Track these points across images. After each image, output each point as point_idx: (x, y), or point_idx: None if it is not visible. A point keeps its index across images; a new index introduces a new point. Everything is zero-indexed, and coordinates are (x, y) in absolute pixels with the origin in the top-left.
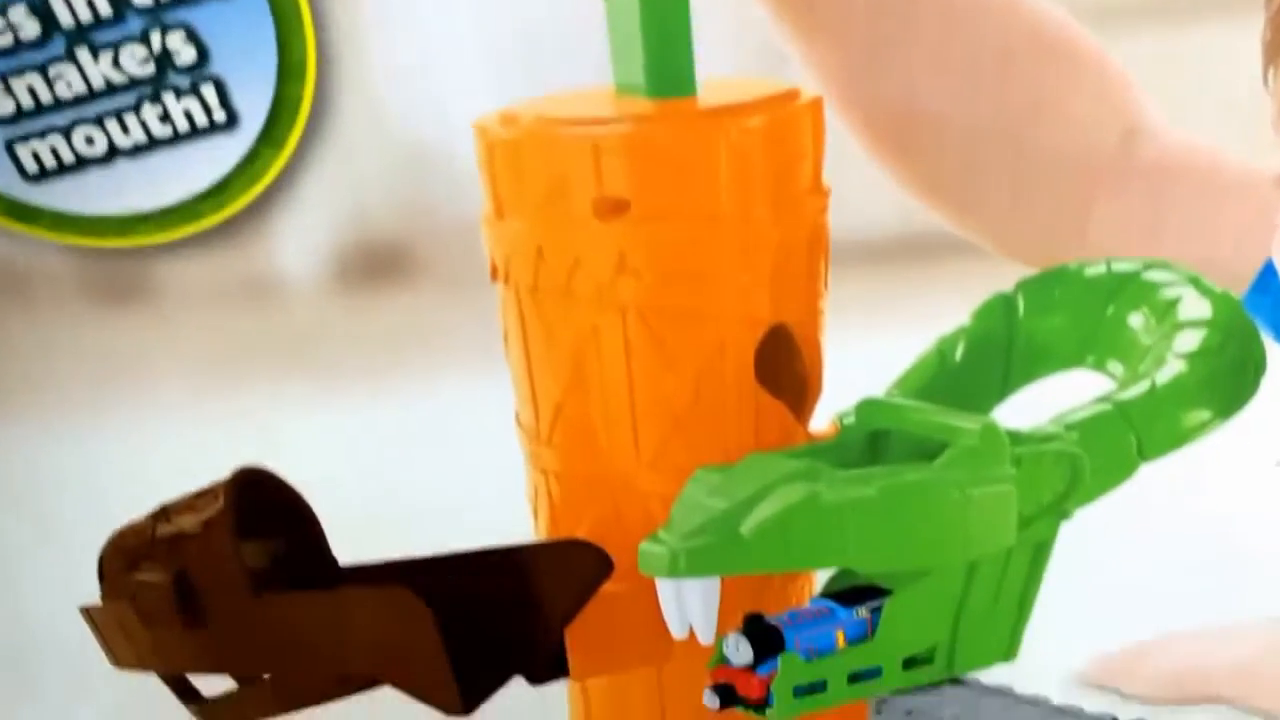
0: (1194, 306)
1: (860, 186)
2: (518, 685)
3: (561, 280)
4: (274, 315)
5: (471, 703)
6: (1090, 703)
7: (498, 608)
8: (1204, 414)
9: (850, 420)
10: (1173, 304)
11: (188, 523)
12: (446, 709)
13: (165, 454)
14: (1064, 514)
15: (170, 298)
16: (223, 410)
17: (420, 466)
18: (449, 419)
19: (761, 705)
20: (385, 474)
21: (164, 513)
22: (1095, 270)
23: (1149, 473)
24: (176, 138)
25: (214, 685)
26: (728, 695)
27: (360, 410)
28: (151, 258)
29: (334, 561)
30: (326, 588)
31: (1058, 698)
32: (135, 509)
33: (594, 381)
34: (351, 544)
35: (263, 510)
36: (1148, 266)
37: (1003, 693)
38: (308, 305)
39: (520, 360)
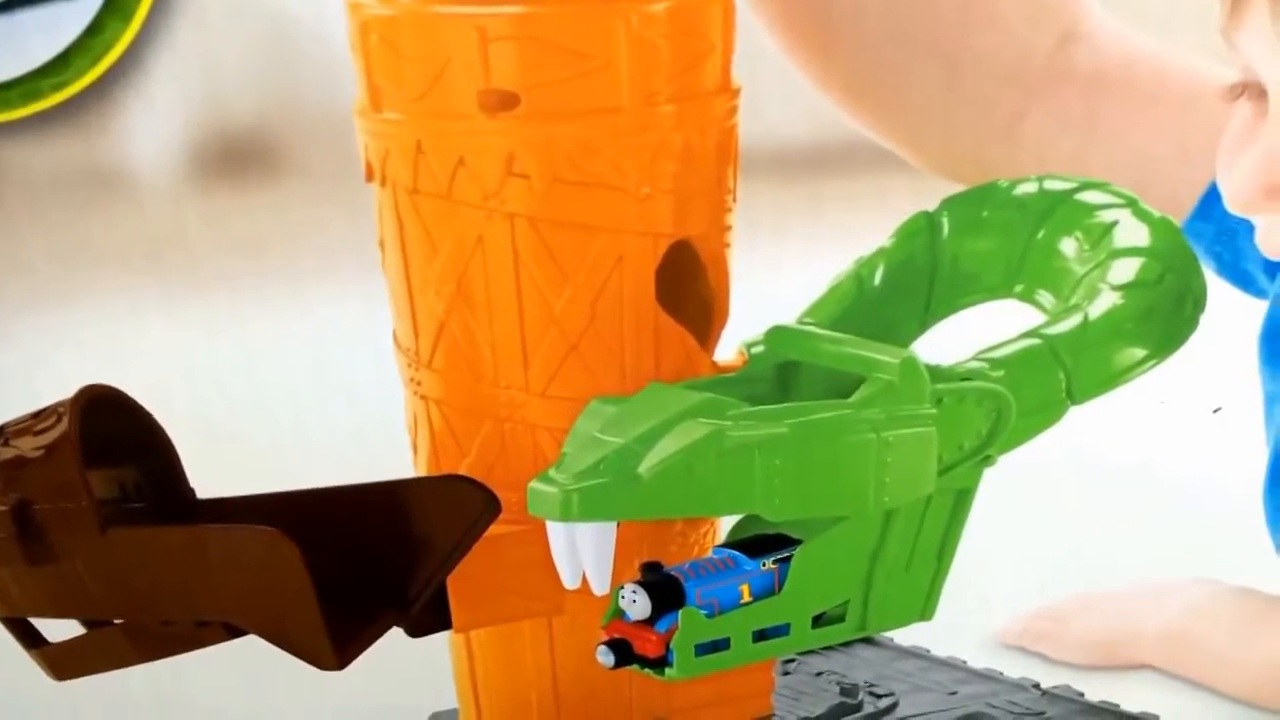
0: (1131, 232)
1: (774, 89)
2: (395, 638)
3: (443, 182)
4: (122, 212)
5: (345, 656)
6: (1012, 666)
7: (373, 550)
8: (1139, 351)
9: (759, 350)
10: (1108, 229)
11: (27, 446)
12: (317, 662)
13: (10, 364)
14: (987, 460)
15: (6, 188)
16: (66, 318)
17: (287, 389)
18: (319, 336)
19: (660, 664)
20: (248, 397)
21: (1, 434)
22: (1026, 189)
23: (1074, 420)
24: (9, 3)
25: (61, 630)
26: (623, 652)
27: (220, 323)
28: None
29: (191, 494)
30: (183, 523)
31: (977, 661)
32: None
33: (479, 298)
34: (211, 474)
35: (111, 434)
36: (1083, 187)
37: (918, 655)
38: (160, 202)
39: (398, 272)
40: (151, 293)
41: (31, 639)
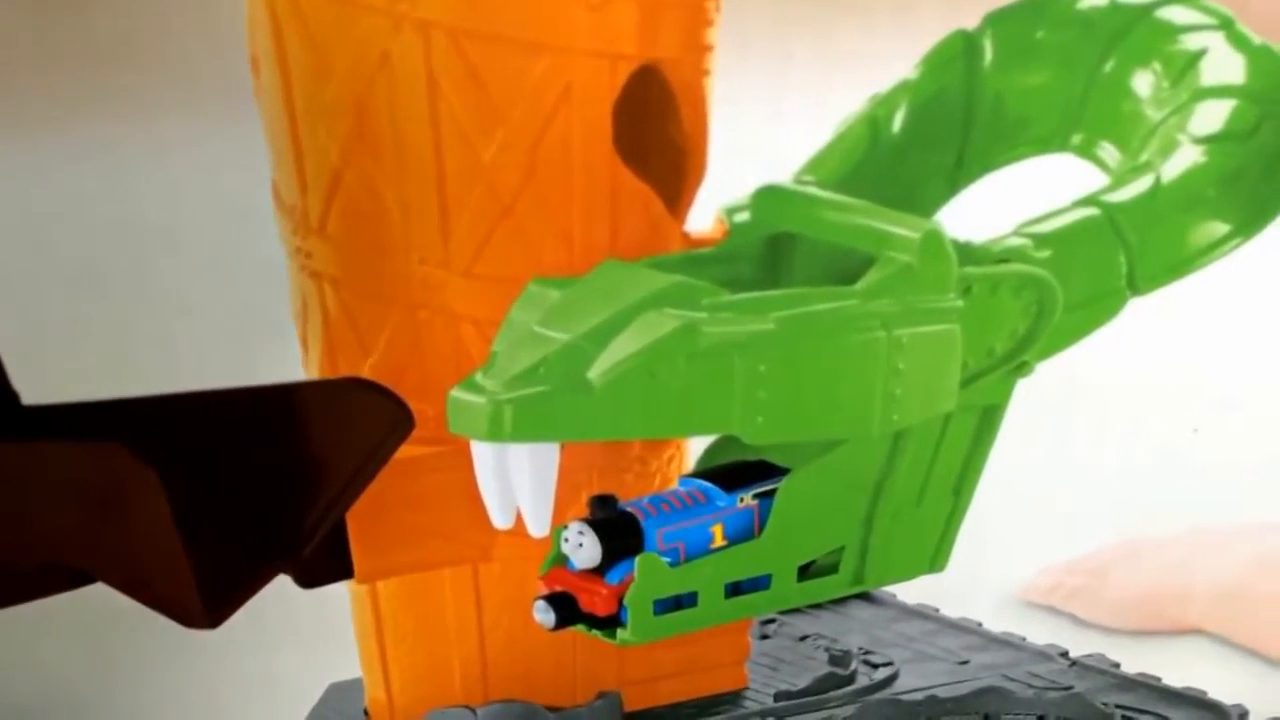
0: (1223, 65)
1: None
2: (282, 588)
3: None
4: None
5: (218, 611)
6: (1037, 630)
7: (252, 476)
8: (1220, 226)
9: (743, 218)
10: (1194, 60)
11: None
12: (183, 618)
13: None
14: (1022, 368)
15: None
16: None
17: (134, 257)
18: (173, 185)
19: (611, 624)
20: (82, 266)
21: None
22: (1094, 1)
23: (1128, 320)
24: None
25: None
26: (566, 609)
27: (45, 163)
28: None
29: (15, 396)
30: (7, 437)
31: (995, 623)
32: None
33: (384, 138)
34: (37, 371)
35: None
36: (1166, 0)
37: (925, 615)
38: None
39: (277, 102)
40: None
41: None
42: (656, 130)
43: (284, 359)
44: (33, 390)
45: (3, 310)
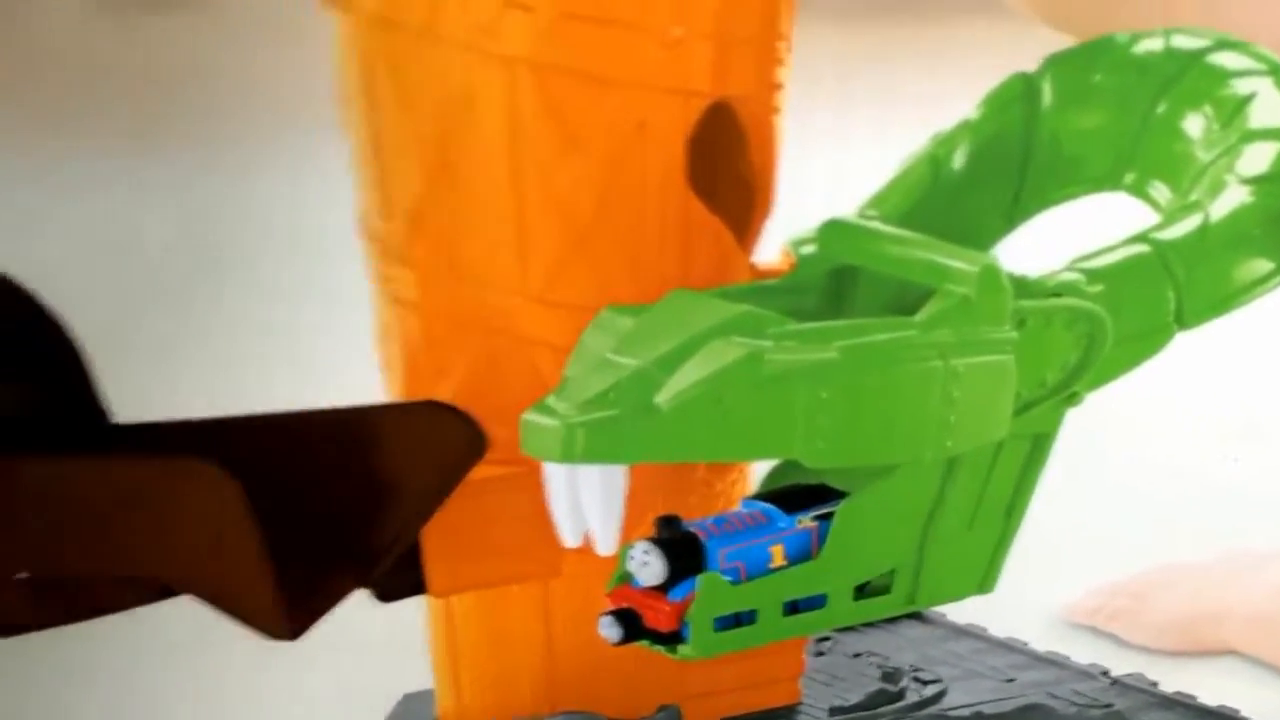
0: (1271, 109)
1: None
2: (361, 603)
3: (423, 10)
4: (12, 38)
5: (298, 623)
6: (1081, 650)
7: (332, 494)
8: (1265, 265)
9: (809, 250)
10: (1243, 103)
11: None
12: (265, 629)
13: None
14: (1073, 398)
15: None
16: None
17: (222, 282)
18: (263, 213)
19: (673, 639)
20: (173, 291)
21: None
22: (1149, 46)
23: (1171, 356)
24: None
25: None
26: (631, 625)
27: (137, 190)
28: None
29: (105, 413)
30: (95, 452)
31: (1041, 643)
32: None
33: (466, 172)
34: (127, 389)
35: (8, 339)
36: (1218, 46)
37: (974, 635)
38: (56, 33)
39: (366, 135)
40: (50, 146)
41: None
42: (727, 165)
43: (368, 380)
44: (126, 408)
45: (98, 329)
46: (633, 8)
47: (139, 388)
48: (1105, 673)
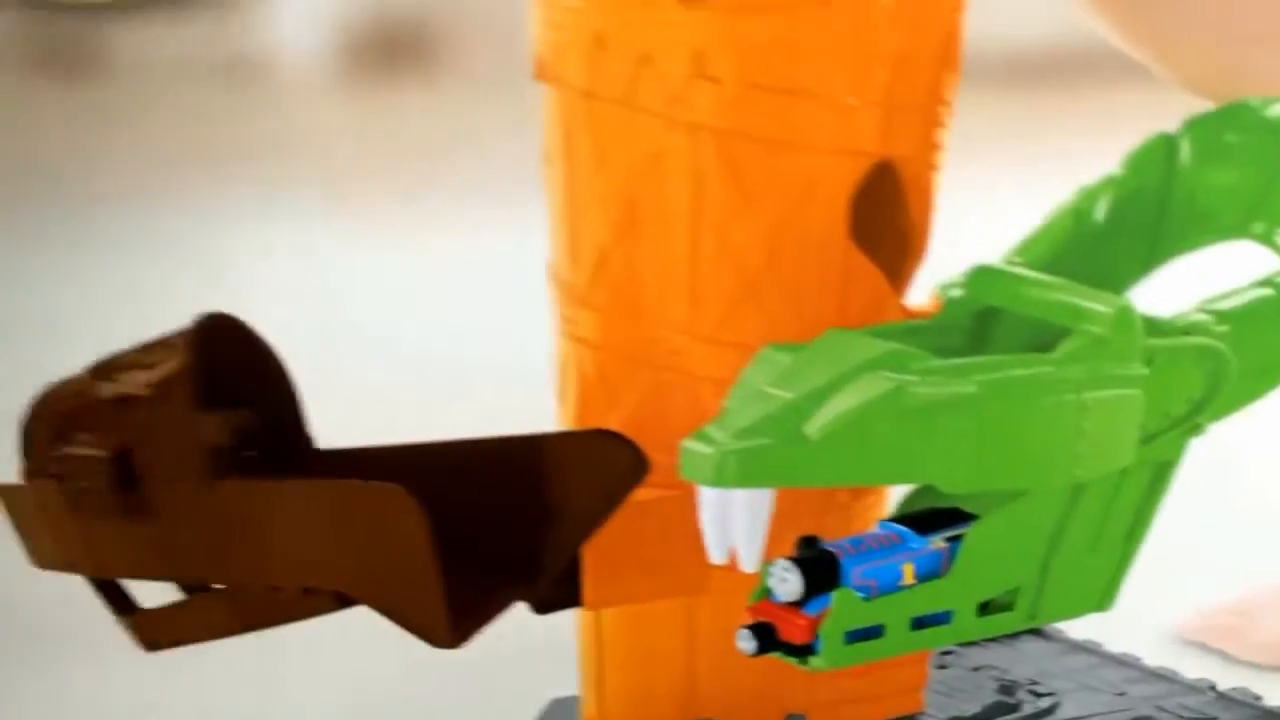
0: None
1: None
2: (517, 615)
3: (622, 83)
4: (258, 106)
5: (462, 633)
6: (1189, 665)
7: (501, 512)
8: None
9: (957, 293)
10: None
11: (136, 383)
12: (430, 638)
13: (104, 280)
14: (1195, 429)
15: (129, 73)
16: (179, 224)
17: (423, 323)
18: (465, 264)
19: (805, 652)
20: (378, 329)
21: (106, 368)
22: (1278, 110)
23: None
24: None
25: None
26: (767, 638)
27: (355, 242)
28: (108, 22)
29: (310, 442)
30: (299, 475)
31: (1152, 659)
32: (63, 358)
33: (649, 224)
34: (331, 416)
35: (228, 370)
36: None
37: (1089, 650)
38: (300, 98)
39: (561, 190)
40: (282, 201)
41: (121, 604)
42: (887, 217)
43: (544, 410)
44: (325, 433)
45: (307, 367)
46: (812, 79)
47: (344, 418)
48: (1212, 687)
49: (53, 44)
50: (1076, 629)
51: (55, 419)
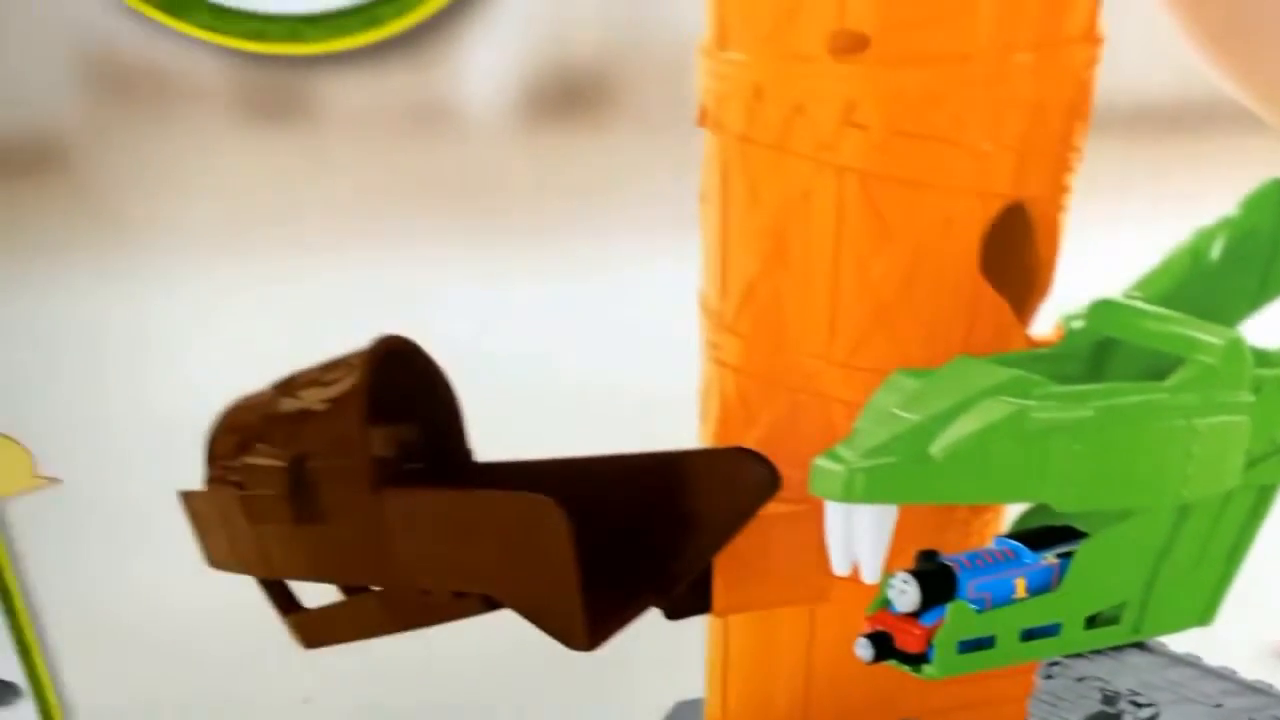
0: None
1: (1137, 37)
2: (649, 621)
3: (777, 129)
4: (444, 150)
5: (598, 636)
6: None
7: (640, 522)
8: None
9: (1078, 324)
10: None
11: (314, 399)
12: (567, 641)
13: (301, 303)
14: None
15: (329, 119)
16: (370, 257)
17: (581, 347)
18: (624, 294)
19: (919, 660)
20: (539, 351)
21: (289, 384)
22: None
23: None
24: None
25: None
26: (883, 646)
27: (524, 271)
28: (315, 70)
29: (468, 455)
30: (456, 485)
31: (1249, 672)
32: (249, 372)
33: (795, 257)
34: (492, 433)
35: (399, 388)
36: None
37: (1189, 663)
38: (483, 141)
39: (715, 226)
40: (459, 234)
41: (286, 603)
42: (1014, 252)
43: (688, 429)
44: (485, 448)
45: (469, 383)
46: (952, 127)
47: (504, 434)
48: None
49: (263, 90)
50: (1177, 643)
51: (239, 431)
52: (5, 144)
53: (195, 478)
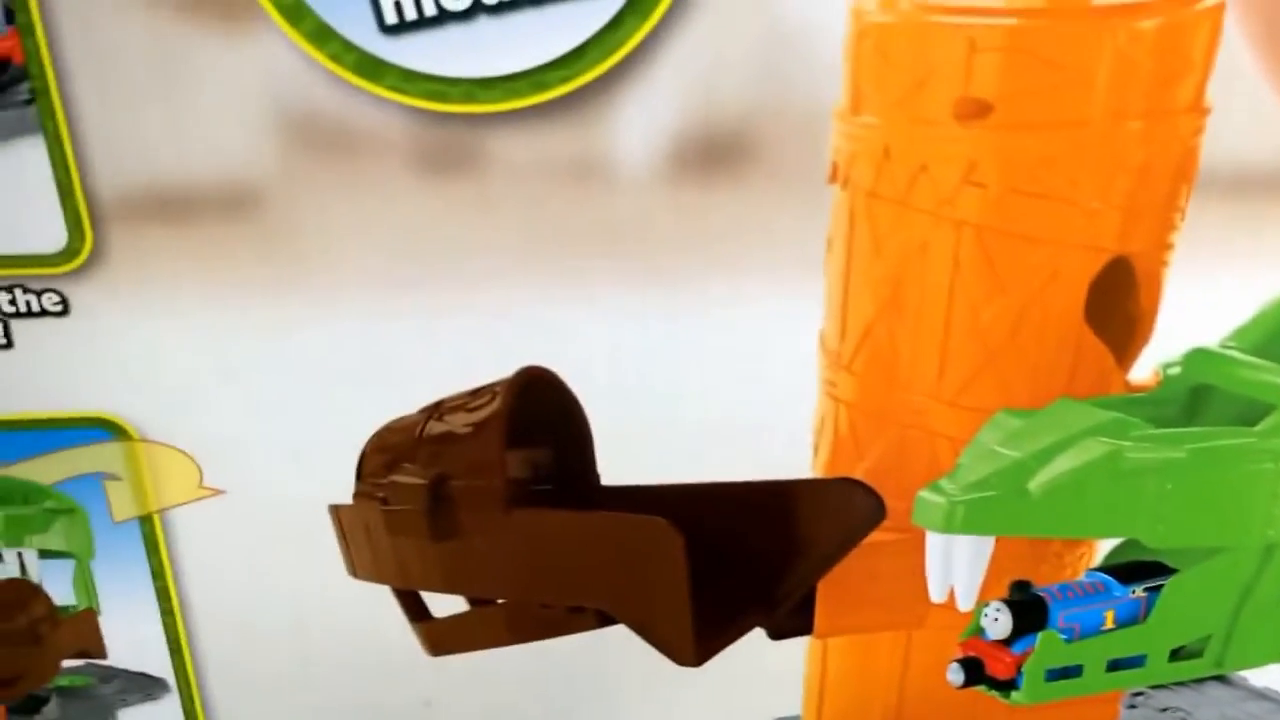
0: None
1: (1244, 108)
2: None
3: (902, 186)
4: (596, 201)
5: (705, 653)
6: None
7: (750, 546)
8: None
9: (1175, 371)
10: None
11: (458, 423)
12: (675, 656)
13: (459, 335)
14: None
15: (496, 172)
16: (524, 296)
17: (705, 382)
18: (748, 333)
19: (1007, 686)
20: (666, 385)
21: (437, 408)
22: None
23: None
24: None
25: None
26: (974, 671)
27: (657, 311)
28: (487, 127)
29: (596, 479)
30: (582, 507)
31: None
32: (407, 396)
33: (911, 303)
34: (619, 459)
35: (537, 415)
36: None
37: (1269, 697)
38: (632, 195)
39: (839, 273)
40: (605, 275)
41: (417, 612)
42: (1118, 302)
43: (801, 461)
44: (611, 472)
45: (601, 413)
46: (1065, 186)
47: (627, 462)
48: None
49: (440, 145)
50: (1258, 677)
51: (389, 451)
52: (205, 188)
53: (345, 495)
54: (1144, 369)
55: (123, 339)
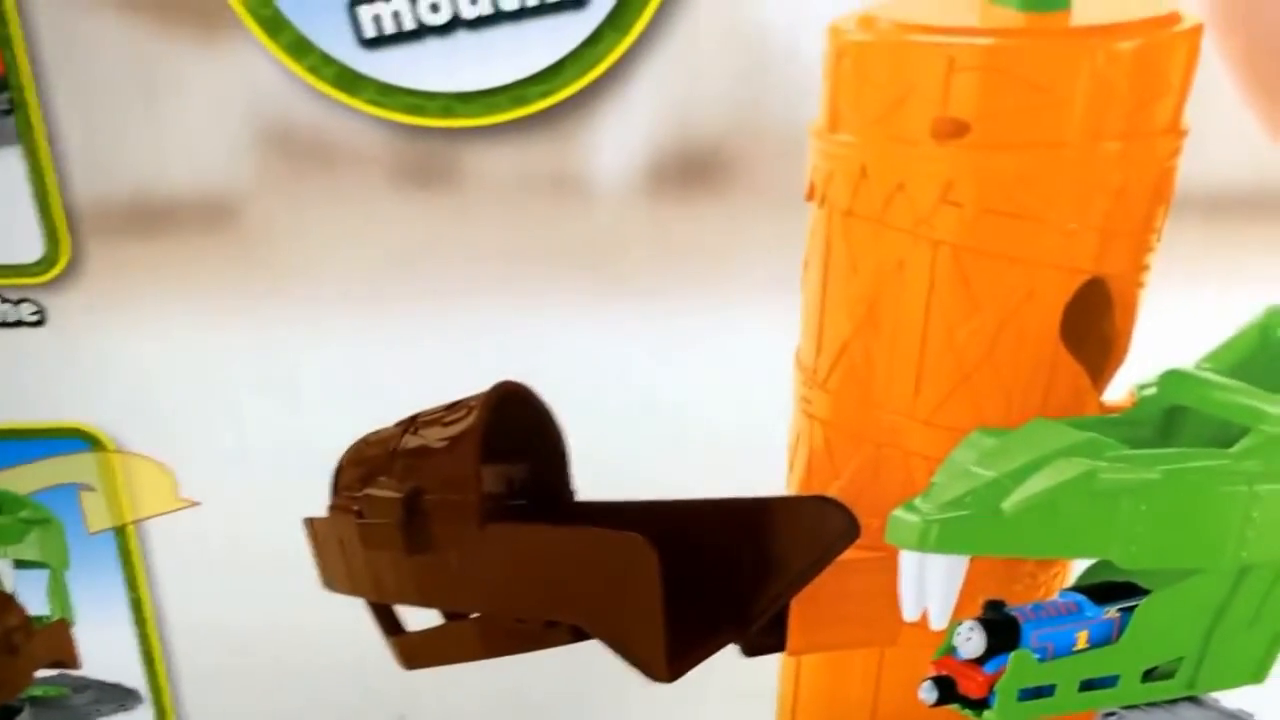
0: None
1: (1220, 129)
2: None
3: (878, 205)
4: (574, 216)
5: (678, 669)
6: None
7: (724, 564)
8: None
9: (1150, 392)
10: None
11: (433, 437)
12: (648, 671)
13: (437, 350)
14: None
15: (474, 186)
16: (500, 309)
17: (681, 398)
18: (725, 349)
19: (980, 705)
20: (642, 400)
21: (413, 422)
22: None
23: None
24: (522, 12)
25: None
26: (947, 690)
27: (635, 327)
28: (465, 142)
29: (571, 495)
30: (556, 522)
31: None
32: (382, 410)
33: (887, 322)
34: (597, 474)
35: (513, 430)
36: None
37: (1242, 719)
38: (611, 210)
39: (815, 291)
40: (582, 290)
41: (391, 626)
42: (1093, 323)
43: (776, 478)
44: (586, 487)
45: (576, 427)
46: (1042, 206)
47: (607, 476)
48: None
49: (418, 158)
50: (1230, 698)
51: (364, 464)
52: (184, 200)
53: (321, 507)
54: (1119, 389)
55: (100, 350)
